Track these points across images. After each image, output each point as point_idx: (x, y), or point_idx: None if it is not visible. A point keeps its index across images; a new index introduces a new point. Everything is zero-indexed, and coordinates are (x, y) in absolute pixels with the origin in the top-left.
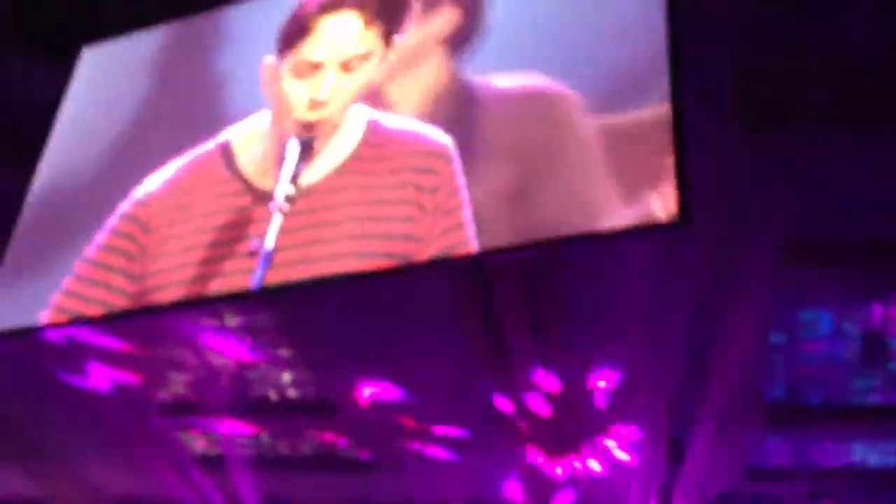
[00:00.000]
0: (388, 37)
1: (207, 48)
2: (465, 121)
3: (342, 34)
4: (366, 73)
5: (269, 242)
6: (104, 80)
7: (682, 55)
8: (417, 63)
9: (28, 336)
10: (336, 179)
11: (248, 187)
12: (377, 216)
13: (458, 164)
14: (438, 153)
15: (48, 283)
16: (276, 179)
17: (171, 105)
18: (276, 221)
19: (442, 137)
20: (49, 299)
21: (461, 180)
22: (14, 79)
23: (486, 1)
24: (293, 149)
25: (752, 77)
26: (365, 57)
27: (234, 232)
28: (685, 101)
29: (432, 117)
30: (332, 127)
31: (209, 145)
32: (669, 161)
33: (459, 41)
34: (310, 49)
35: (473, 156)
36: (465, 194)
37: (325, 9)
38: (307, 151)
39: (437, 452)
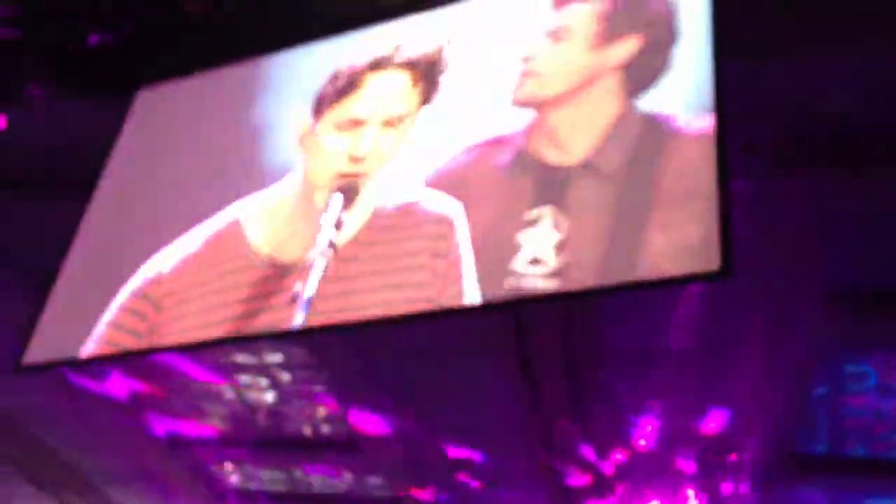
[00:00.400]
0: (427, 97)
1: (251, 96)
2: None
3: (388, 92)
4: (402, 132)
5: (311, 289)
6: (158, 121)
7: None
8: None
9: (73, 366)
10: (353, 249)
11: (261, 261)
12: (396, 283)
13: (463, 233)
14: (446, 221)
15: (92, 317)
16: (294, 249)
17: (214, 150)
18: (319, 266)
19: (448, 208)
20: (91, 334)
21: (463, 249)
22: (74, 117)
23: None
24: (336, 198)
25: (798, 125)
26: (406, 117)
27: (252, 305)
28: (730, 150)
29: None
30: (371, 180)
31: (219, 222)
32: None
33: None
34: (354, 104)
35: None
36: (466, 264)
37: (373, 66)
38: (349, 199)
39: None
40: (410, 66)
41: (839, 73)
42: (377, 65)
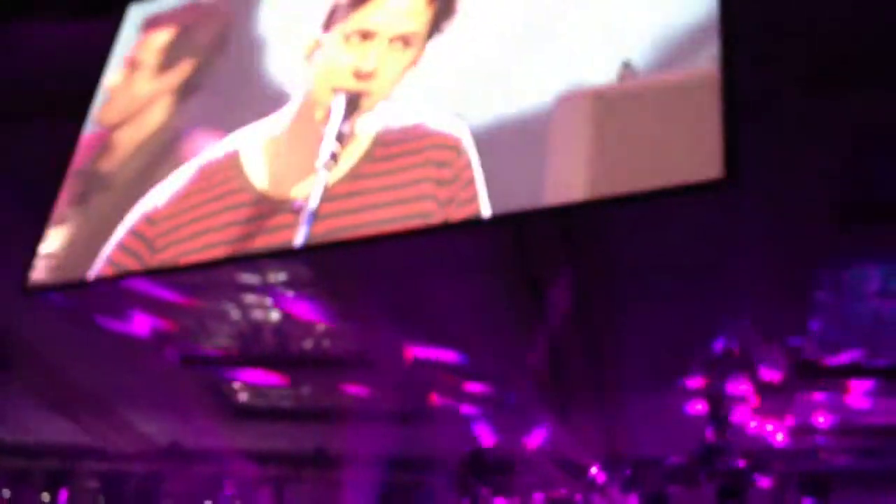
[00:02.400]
0: (437, 24)
1: (257, 8)
2: None
3: (400, 8)
4: (410, 55)
5: (314, 201)
6: (150, 39)
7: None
8: None
9: (80, 288)
10: (349, 185)
11: (261, 198)
12: (395, 217)
13: (469, 155)
14: (452, 145)
15: (99, 236)
16: (290, 188)
17: (216, 68)
18: (322, 178)
19: (456, 129)
20: (100, 254)
21: (474, 171)
22: (61, 39)
23: None
24: (338, 105)
25: (809, 40)
26: (414, 36)
27: (249, 230)
28: (740, 63)
29: None
30: (375, 99)
31: (217, 153)
32: (717, 119)
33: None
34: (367, 15)
35: None
36: (479, 185)
37: None
38: (351, 111)
39: (470, 408)
40: None
41: None
42: None
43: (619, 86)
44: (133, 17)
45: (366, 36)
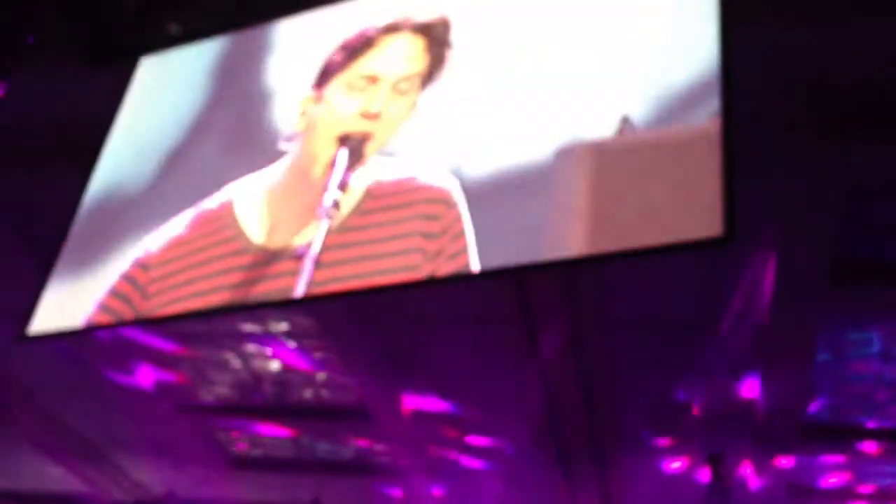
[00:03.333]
0: (432, 73)
1: (257, 62)
2: None
3: (403, 53)
4: (412, 98)
5: (316, 247)
6: (160, 90)
7: (736, 74)
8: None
9: (74, 336)
10: (338, 237)
11: (254, 247)
12: (383, 269)
13: (460, 208)
14: (442, 199)
15: (97, 287)
16: (285, 238)
17: (220, 118)
18: (323, 226)
19: (446, 182)
20: (94, 302)
21: (464, 223)
22: (73, 87)
23: None
24: (342, 154)
25: (809, 96)
26: (413, 83)
27: (240, 291)
28: (738, 119)
29: None
30: (377, 145)
31: (212, 202)
32: (717, 175)
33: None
34: (369, 62)
35: None
36: (469, 237)
37: (388, 29)
38: (355, 159)
39: (474, 462)
40: (425, 31)
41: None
42: (392, 28)
43: (618, 139)
44: (143, 69)
45: (371, 80)
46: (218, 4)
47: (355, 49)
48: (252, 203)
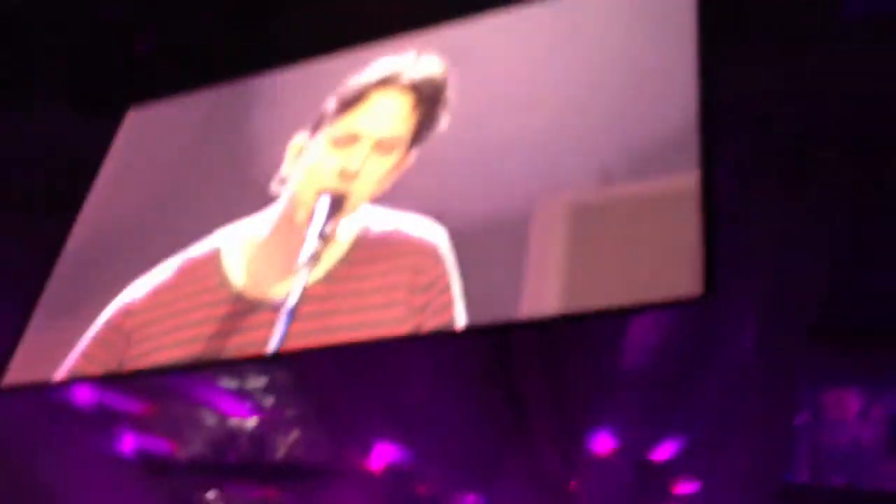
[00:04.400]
0: (420, 131)
1: (245, 113)
2: None
3: (389, 111)
4: (391, 161)
5: (292, 300)
6: (147, 140)
7: (716, 126)
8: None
9: (45, 390)
10: (324, 288)
11: (238, 296)
12: (368, 321)
13: (449, 261)
14: (430, 252)
15: (76, 337)
16: (268, 288)
17: (206, 169)
18: (301, 278)
19: (434, 235)
20: (77, 350)
21: (451, 277)
22: (60, 132)
23: None
24: (322, 205)
25: (789, 150)
26: (397, 142)
27: (225, 341)
28: (717, 172)
29: None
30: (357, 201)
31: (199, 250)
32: (696, 232)
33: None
34: (355, 119)
35: None
36: (455, 292)
37: (381, 83)
38: (335, 209)
39: None
40: (415, 89)
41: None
42: (384, 83)
43: (597, 193)
44: (132, 118)
45: (352, 139)
46: (210, 57)
47: (346, 102)
48: (239, 251)
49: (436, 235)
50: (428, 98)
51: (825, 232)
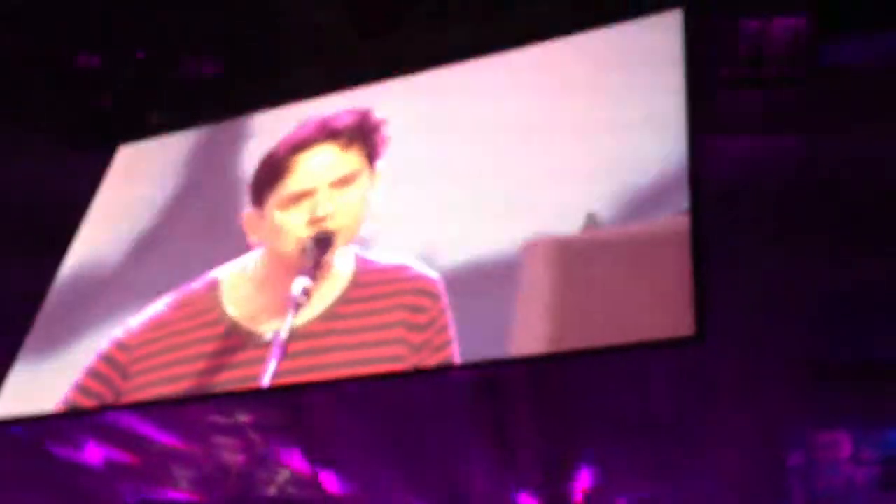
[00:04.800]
0: (370, 158)
1: (231, 152)
2: None
3: (323, 163)
4: (360, 188)
5: (283, 334)
6: (137, 176)
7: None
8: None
9: (38, 422)
10: (323, 324)
11: (236, 328)
12: (366, 359)
13: (446, 300)
14: (429, 291)
15: (65, 371)
16: (263, 323)
17: (197, 204)
18: (291, 315)
19: (431, 275)
20: (64, 389)
21: (449, 316)
22: (49, 169)
23: None
24: (309, 244)
25: (778, 198)
26: (353, 176)
27: (221, 375)
28: (709, 218)
29: None
30: (345, 238)
31: (197, 283)
32: (687, 273)
33: None
34: (294, 183)
35: None
36: (453, 331)
37: (296, 149)
38: (324, 248)
39: None
40: (332, 136)
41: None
42: (300, 146)
43: (584, 235)
44: (123, 154)
45: (304, 195)
46: (199, 97)
47: (274, 175)
48: (237, 286)
49: (433, 274)
50: (354, 136)
51: (814, 280)
